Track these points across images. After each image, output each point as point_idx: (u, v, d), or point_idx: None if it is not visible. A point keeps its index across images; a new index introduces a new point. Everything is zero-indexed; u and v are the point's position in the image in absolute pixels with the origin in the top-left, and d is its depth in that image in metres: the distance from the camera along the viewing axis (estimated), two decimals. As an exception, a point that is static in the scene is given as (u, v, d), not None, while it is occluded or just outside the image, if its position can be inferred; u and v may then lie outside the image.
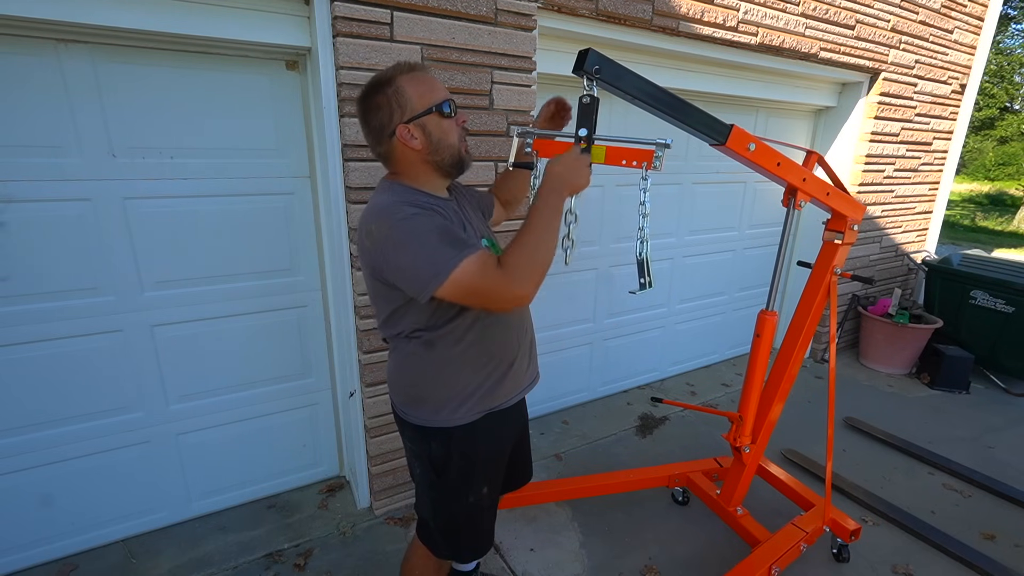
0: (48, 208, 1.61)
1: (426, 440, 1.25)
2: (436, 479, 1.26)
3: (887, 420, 3.04)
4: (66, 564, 1.86)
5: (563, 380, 3.03)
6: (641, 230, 1.17)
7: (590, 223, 2.82)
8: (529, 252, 1.04)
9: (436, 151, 1.14)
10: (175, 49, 1.65)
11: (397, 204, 1.06)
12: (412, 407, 1.25)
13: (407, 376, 1.24)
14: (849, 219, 1.71)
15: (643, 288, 1.16)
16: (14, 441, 1.73)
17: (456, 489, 1.27)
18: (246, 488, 2.18)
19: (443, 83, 1.78)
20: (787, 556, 1.80)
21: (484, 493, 1.30)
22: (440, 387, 1.20)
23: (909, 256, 4.19)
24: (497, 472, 1.34)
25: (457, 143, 1.16)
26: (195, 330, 1.91)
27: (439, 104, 1.11)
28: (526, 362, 1.33)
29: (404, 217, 1.03)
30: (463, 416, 1.22)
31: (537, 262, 1.04)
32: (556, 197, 1.09)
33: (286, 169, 1.93)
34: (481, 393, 1.23)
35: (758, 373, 1.81)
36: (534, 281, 1.03)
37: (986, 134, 19.64)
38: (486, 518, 1.35)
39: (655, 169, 1.15)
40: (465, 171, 1.21)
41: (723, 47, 2.58)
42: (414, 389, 1.23)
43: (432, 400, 1.21)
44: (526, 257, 1.03)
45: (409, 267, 1.02)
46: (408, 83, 1.10)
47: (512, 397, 1.30)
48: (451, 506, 1.29)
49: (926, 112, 3.71)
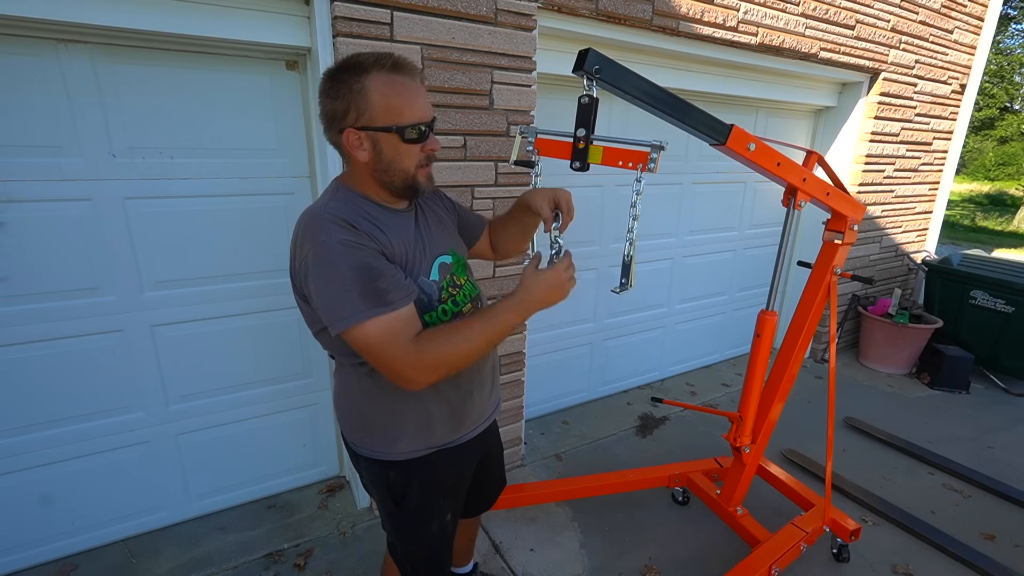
0: (48, 208, 1.61)
1: (382, 471, 1.15)
2: (395, 509, 1.18)
3: (887, 420, 3.04)
4: (66, 564, 1.86)
5: (563, 380, 3.03)
6: (630, 231, 1.15)
7: (590, 223, 2.82)
8: (452, 351, 0.95)
9: (384, 171, 1.01)
10: (175, 49, 1.65)
11: (328, 220, 0.94)
12: (362, 439, 1.15)
13: (354, 406, 1.14)
14: (849, 219, 1.71)
15: (623, 288, 1.15)
16: (14, 441, 1.73)
17: (418, 519, 1.19)
18: (246, 488, 2.18)
19: (444, 83, 1.81)
20: (787, 556, 1.81)
21: (447, 520, 1.23)
22: (390, 417, 1.10)
23: (909, 256, 4.19)
24: (458, 498, 1.27)
25: (412, 169, 1.02)
26: (195, 330, 1.91)
27: (403, 126, 0.97)
28: (488, 389, 1.24)
29: (326, 242, 0.91)
30: (412, 452, 1.13)
31: (451, 362, 0.96)
32: (517, 314, 1.00)
33: (286, 169, 1.93)
34: (437, 427, 1.13)
35: (758, 373, 1.81)
36: (435, 377, 0.96)
37: (986, 134, 19.64)
38: (447, 544, 1.28)
39: (650, 170, 1.15)
40: (421, 195, 1.10)
41: (723, 47, 2.58)
42: (363, 420, 1.13)
43: (382, 432, 1.11)
44: (445, 354, 0.95)
45: (317, 297, 0.94)
46: (379, 86, 0.95)
47: (474, 429, 1.22)
48: (413, 537, 1.22)
49: (926, 112, 3.71)
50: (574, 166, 1.18)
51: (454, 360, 0.96)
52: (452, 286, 1.13)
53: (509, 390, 2.36)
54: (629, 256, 1.15)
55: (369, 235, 0.96)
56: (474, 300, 1.20)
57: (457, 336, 0.96)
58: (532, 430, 2.83)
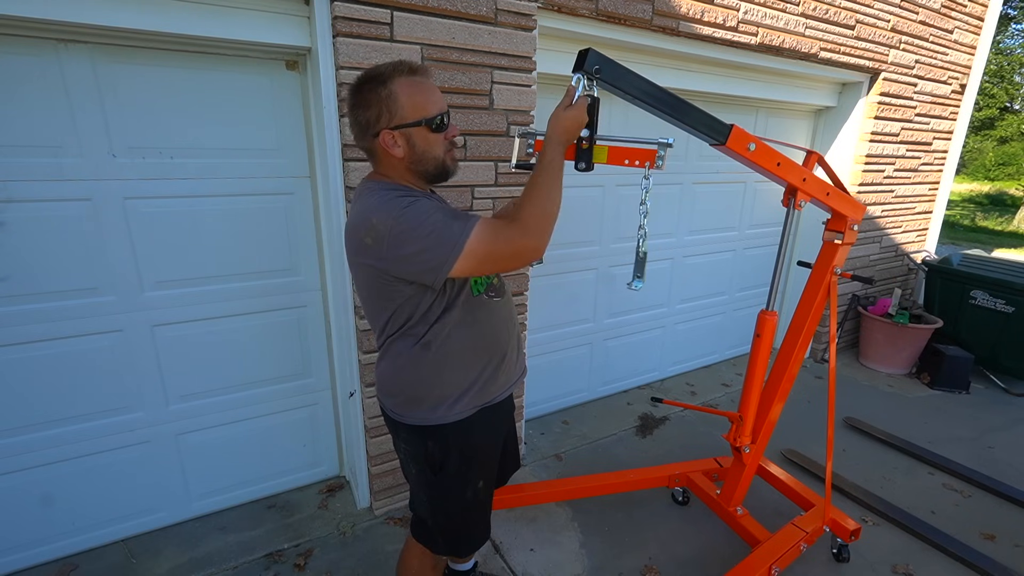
0: (48, 208, 1.61)
1: (422, 439, 1.25)
2: (433, 478, 1.27)
3: (887, 420, 3.04)
4: (66, 564, 1.86)
5: (563, 380, 3.03)
6: (642, 227, 1.19)
7: (590, 223, 2.82)
8: (539, 204, 1.07)
9: (419, 161, 1.14)
10: (175, 49, 1.65)
11: (393, 198, 1.07)
12: (408, 408, 1.24)
13: (404, 378, 1.23)
14: (849, 219, 1.70)
15: (637, 280, 1.19)
16: (14, 441, 1.73)
17: (454, 486, 1.27)
18: (246, 488, 2.18)
19: (444, 83, 1.81)
20: (787, 556, 1.80)
21: (481, 487, 1.31)
22: (437, 386, 1.20)
23: (909, 256, 4.19)
24: (492, 465, 1.36)
25: (442, 155, 1.16)
26: (195, 330, 1.91)
27: (430, 118, 1.11)
28: (515, 354, 1.35)
29: (406, 206, 1.04)
30: (459, 412, 1.22)
31: (547, 213, 1.07)
32: (553, 149, 1.12)
33: (286, 169, 1.93)
34: (476, 388, 1.24)
35: (758, 373, 1.81)
36: (546, 232, 1.07)
37: (986, 134, 19.65)
38: (484, 512, 1.37)
39: (658, 168, 1.16)
40: (449, 178, 1.22)
41: (723, 47, 2.58)
42: (411, 390, 1.22)
43: (429, 399, 1.21)
44: (538, 209, 1.06)
45: (421, 251, 1.02)
46: (403, 88, 1.09)
47: (504, 390, 1.31)
48: (449, 503, 1.29)
49: (926, 112, 3.71)
50: (579, 167, 1.19)
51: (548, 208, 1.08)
52: None
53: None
54: (643, 252, 1.17)
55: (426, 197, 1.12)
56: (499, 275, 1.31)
57: (530, 193, 1.08)
58: (532, 430, 2.83)
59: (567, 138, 1.13)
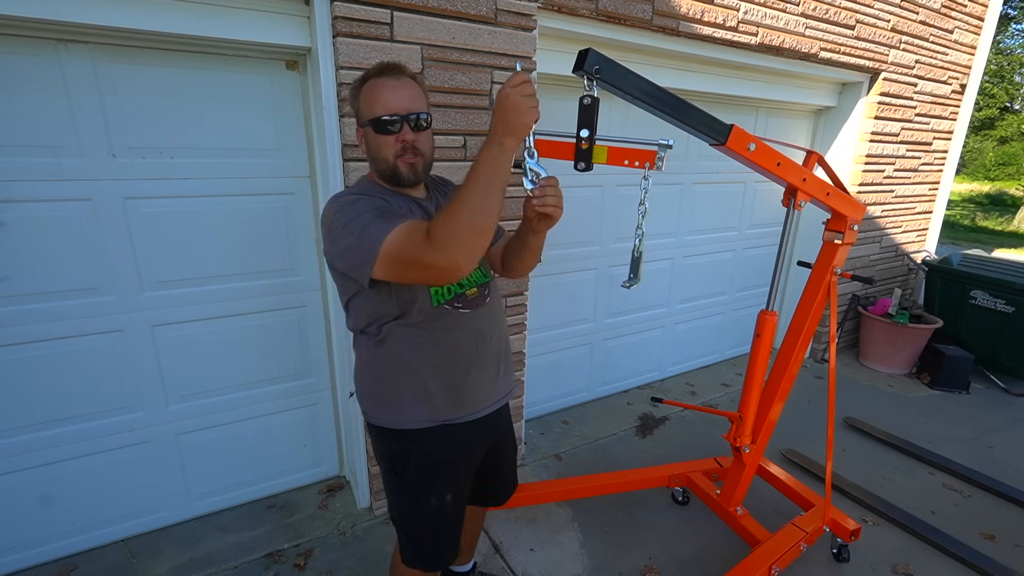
0: (48, 208, 1.61)
1: (386, 440, 1.24)
2: (397, 480, 1.25)
3: (887, 420, 3.04)
4: (66, 564, 1.86)
5: (563, 380, 3.03)
6: (640, 228, 1.19)
7: (590, 223, 2.82)
8: (454, 214, 0.91)
9: (373, 160, 1.17)
10: (175, 49, 1.65)
11: (345, 194, 1.11)
12: (371, 407, 1.24)
13: (365, 375, 1.24)
14: (849, 219, 1.70)
15: (632, 282, 1.19)
16: (14, 441, 1.73)
17: (416, 491, 1.24)
18: (246, 488, 2.18)
19: (444, 83, 1.81)
20: (787, 556, 1.80)
21: (448, 500, 1.25)
22: (394, 389, 1.19)
23: (909, 256, 4.19)
24: (461, 478, 1.29)
25: (391, 158, 1.13)
26: (195, 330, 1.91)
27: (373, 118, 1.11)
28: (492, 374, 1.27)
29: (347, 203, 1.06)
30: (419, 422, 1.20)
31: (462, 224, 0.90)
32: (492, 147, 0.92)
33: (286, 169, 1.93)
34: (437, 402, 1.19)
35: (758, 373, 1.81)
36: (460, 248, 0.91)
37: (986, 134, 19.65)
38: (449, 526, 1.30)
39: (658, 169, 1.16)
40: (404, 185, 1.17)
41: (723, 47, 2.58)
42: (371, 388, 1.23)
43: (386, 400, 1.20)
44: (452, 220, 0.91)
45: (348, 248, 1.02)
46: (367, 88, 1.13)
47: (475, 411, 1.25)
48: (411, 509, 1.26)
49: (926, 112, 3.71)
50: (579, 167, 1.18)
51: (464, 218, 0.90)
52: None
53: (509, 390, 2.36)
54: (639, 252, 1.17)
55: (380, 197, 1.11)
56: (481, 287, 1.24)
57: (453, 200, 0.93)
58: (532, 430, 2.83)
59: (512, 134, 0.91)
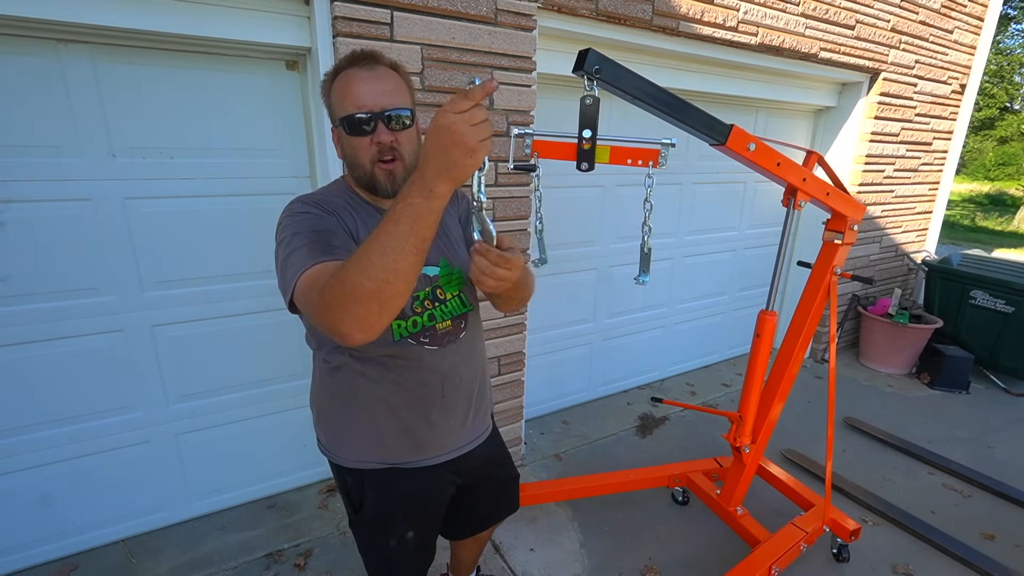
0: (48, 208, 1.61)
1: (341, 474, 1.12)
2: (355, 515, 1.14)
3: (887, 420, 3.04)
4: (66, 564, 1.86)
5: (563, 380, 3.03)
6: (647, 224, 1.21)
7: (590, 223, 2.82)
8: (346, 272, 0.72)
9: (350, 167, 1.01)
10: (175, 49, 1.65)
11: (304, 198, 0.99)
12: (322, 437, 1.13)
13: (316, 401, 1.13)
14: (849, 219, 1.70)
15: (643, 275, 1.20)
16: (14, 441, 1.73)
17: (375, 531, 1.13)
18: (246, 488, 2.18)
19: (443, 83, 1.81)
20: (787, 556, 1.80)
21: (410, 538, 1.14)
22: (343, 421, 1.07)
23: (909, 256, 4.19)
24: (426, 519, 1.18)
25: (367, 163, 0.97)
26: (195, 330, 1.91)
27: (344, 116, 0.95)
28: (459, 419, 1.12)
29: (294, 211, 0.95)
30: (370, 462, 1.08)
31: (352, 287, 0.70)
32: (415, 192, 0.69)
33: (286, 169, 1.93)
34: (389, 442, 1.06)
35: (758, 373, 1.81)
36: (351, 315, 0.71)
37: (986, 134, 19.65)
38: (411, 561, 1.20)
39: (661, 167, 1.17)
40: (381, 195, 1.02)
41: (723, 47, 2.58)
42: (321, 418, 1.12)
43: (337, 434, 1.08)
44: (340, 279, 0.72)
45: (279, 266, 0.91)
46: (338, 83, 0.97)
47: (441, 455, 1.12)
48: (370, 548, 1.16)
49: (926, 112, 3.71)
50: (582, 167, 1.18)
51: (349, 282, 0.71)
52: (431, 299, 1.06)
53: (509, 390, 2.36)
54: (648, 248, 1.18)
55: (336, 213, 0.97)
56: (457, 319, 1.09)
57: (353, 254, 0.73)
58: (532, 430, 2.83)
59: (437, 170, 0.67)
